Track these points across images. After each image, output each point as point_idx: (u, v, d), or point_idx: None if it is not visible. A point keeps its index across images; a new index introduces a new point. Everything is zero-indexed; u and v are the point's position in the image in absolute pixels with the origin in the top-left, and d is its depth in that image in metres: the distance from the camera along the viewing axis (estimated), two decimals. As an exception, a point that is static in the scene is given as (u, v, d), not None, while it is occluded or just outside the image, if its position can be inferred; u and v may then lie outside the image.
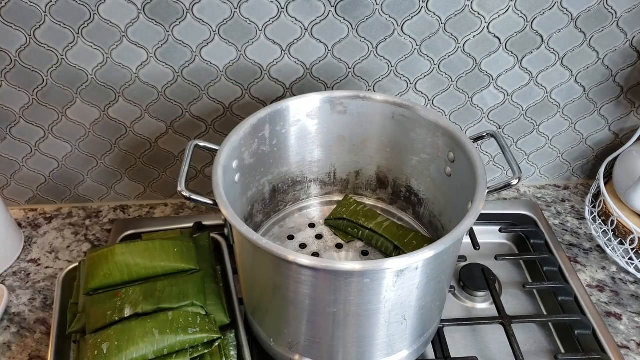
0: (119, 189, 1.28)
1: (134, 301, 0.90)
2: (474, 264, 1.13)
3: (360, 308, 0.77)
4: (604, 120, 1.25)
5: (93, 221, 1.26)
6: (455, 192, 0.94)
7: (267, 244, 0.72)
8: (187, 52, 1.07)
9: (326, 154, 1.09)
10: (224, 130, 1.19)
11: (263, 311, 0.89)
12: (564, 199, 1.33)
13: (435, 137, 0.97)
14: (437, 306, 0.90)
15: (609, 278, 1.14)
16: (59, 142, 1.18)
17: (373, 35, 1.08)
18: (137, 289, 0.93)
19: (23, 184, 1.25)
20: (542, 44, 1.12)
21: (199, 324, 0.88)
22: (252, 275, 0.86)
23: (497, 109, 1.21)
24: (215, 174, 0.83)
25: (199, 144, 0.93)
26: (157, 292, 0.91)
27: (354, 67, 1.12)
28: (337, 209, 1.12)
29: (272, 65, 1.11)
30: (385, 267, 0.71)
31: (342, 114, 1.03)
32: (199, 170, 1.26)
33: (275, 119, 0.99)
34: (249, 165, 0.98)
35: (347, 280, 0.73)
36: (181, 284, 0.94)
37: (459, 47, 1.11)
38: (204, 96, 1.13)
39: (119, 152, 1.21)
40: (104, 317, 0.88)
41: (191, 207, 1.30)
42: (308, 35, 1.07)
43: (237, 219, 0.76)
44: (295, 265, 0.73)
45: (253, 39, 1.06)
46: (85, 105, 1.13)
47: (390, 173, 1.10)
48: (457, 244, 0.81)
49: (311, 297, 0.78)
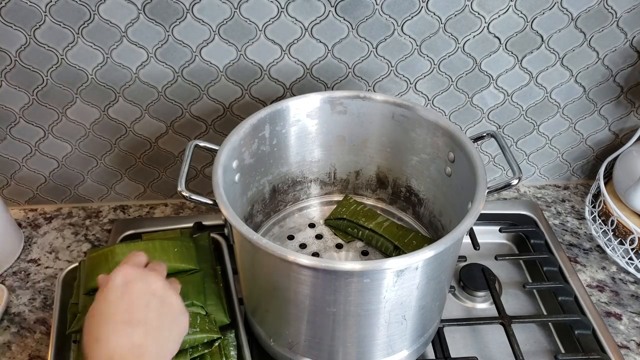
0: (119, 189, 1.28)
1: None
2: (474, 264, 1.13)
3: (360, 308, 0.77)
4: (604, 120, 1.25)
5: (93, 221, 1.26)
6: (455, 192, 0.95)
7: (267, 244, 0.72)
8: (187, 52, 1.07)
9: (326, 154, 1.09)
10: (224, 130, 1.19)
11: (263, 311, 0.89)
12: (564, 199, 1.33)
13: (435, 137, 0.97)
14: (437, 306, 0.90)
15: (609, 278, 1.14)
16: (59, 142, 1.18)
17: (373, 35, 1.08)
18: None
19: (23, 184, 1.25)
20: (542, 44, 1.12)
21: (199, 324, 0.88)
22: (252, 275, 0.86)
23: (497, 109, 1.21)
24: (215, 174, 0.83)
25: (199, 144, 0.93)
26: None
27: (354, 67, 1.12)
28: (337, 209, 1.12)
29: (272, 65, 1.11)
30: (385, 267, 0.71)
31: (342, 114, 1.03)
32: (199, 170, 1.26)
33: (275, 119, 0.99)
34: (249, 165, 0.98)
35: (347, 280, 0.73)
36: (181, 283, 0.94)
37: (459, 47, 1.11)
38: (204, 96, 1.14)
39: (119, 152, 1.21)
40: None
41: (191, 207, 1.30)
42: (308, 35, 1.07)
43: (237, 219, 0.76)
44: (295, 265, 0.73)
45: (253, 39, 1.06)
46: (85, 105, 1.13)
47: (390, 173, 1.10)
48: (457, 244, 0.81)
49: (311, 297, 0.78)
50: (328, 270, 0.72)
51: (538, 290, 1.12)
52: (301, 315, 0.82)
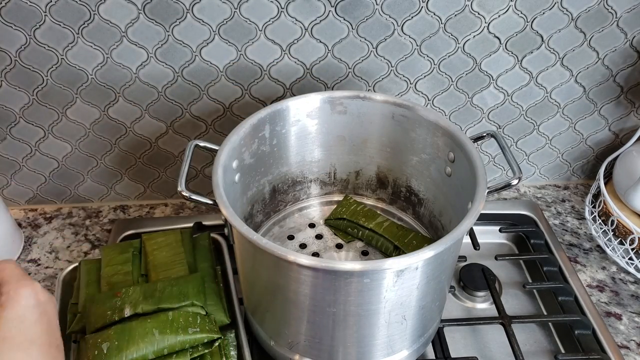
0: (119, 189, 1.28)
1: (134, 301, 0.90)
2: (474, 264, 1.13)
3: (360, 308, 0.77)
4: (604, 120, 1.25)
5: (93, 221, 1.26)
6: (455, 192, 0.95)
7: (267, 244, 0.72)
8: (187, 52, 1.07)
9: (326, 154, 1.09)
10: (224, 130, 1.19)
11: (263, 311, 0.89)
12: (564, 199, 1.33)
13: (435, 137, 0.97)
14: (437, 306, 0.90)
15: (609, 278, 1.14)
16: (59, 142, 1.18)
17: (373, 35, 1.08)
18: (137, 289, 0.93)
19: (23, 184, 1.25)
20: (542, 44, 1.12)
21: (199, 324, 0.88)
22: (252, 275, 0.86)
23: (497, 109, 1.21)
24: (215, 174, 0.83)
25: (199, 144, 0.93)
26: (157, 292, 0.92)
27: (354, 67, 1.12)
28: (337, 209, 1.12)
29: (272, 65, 1.11)
30: (385, 267, 0.71)
31: (342, 114, 1.03)
32: (199, 170, 1.26)
33: (275, 119, 0.99)
34: (249, 165, 0.98)
35: (347, 280, 0.73)
36: (181, 284, 0.93)
37: (459, 47, 1.11)
38: (204, 96, 1.14)
39: (119, 152, 1.21)
40: (104, 317, 0.88)
41: (191, 207, 1.30)
42: (308, 35, 1.07)
43: (237, 219, 0.76)
44: (295, 265, 0.73)
45: (253, 39, 1.06)
46: (85, 105, 1.13)
47: (390, 173, 1.10)
48: (457, 244, 0.81)
49: (311, 297, 0.78)
50: (328, 270, 0.72)
51: (538, 290, 1.12)
52: (301, 315, 0.82)
